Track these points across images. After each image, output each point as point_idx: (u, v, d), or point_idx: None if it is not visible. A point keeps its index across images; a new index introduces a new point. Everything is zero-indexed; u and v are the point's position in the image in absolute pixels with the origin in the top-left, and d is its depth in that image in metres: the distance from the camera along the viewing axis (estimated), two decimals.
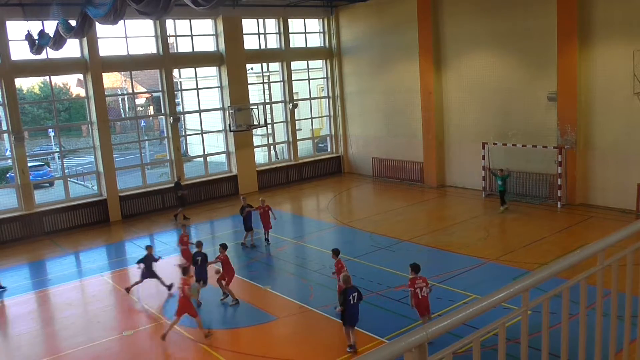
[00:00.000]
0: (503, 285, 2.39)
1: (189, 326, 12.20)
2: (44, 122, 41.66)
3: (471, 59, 22.16)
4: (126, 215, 22.08)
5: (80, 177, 29.70)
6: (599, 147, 18.83)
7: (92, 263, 17.39)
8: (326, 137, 29.64)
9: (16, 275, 16.57)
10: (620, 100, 17.88)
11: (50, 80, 22.98)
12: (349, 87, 28.05)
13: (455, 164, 23.51)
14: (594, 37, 18.31)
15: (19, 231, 19.89)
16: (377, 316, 12.02)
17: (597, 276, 2.81)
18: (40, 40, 17.84)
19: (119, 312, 13.46)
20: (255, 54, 25.97)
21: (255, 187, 25.47)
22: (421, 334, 2.02)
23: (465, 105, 22.71)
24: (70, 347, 11.68)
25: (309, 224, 20.50)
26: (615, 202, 18.45)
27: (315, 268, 15.31)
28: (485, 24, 21.36)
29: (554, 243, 15.81)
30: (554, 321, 2.70)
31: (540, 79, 19.94)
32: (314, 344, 11.29)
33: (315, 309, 12.54)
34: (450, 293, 12.72)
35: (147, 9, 11.11)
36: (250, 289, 14.27)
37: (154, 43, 23.16)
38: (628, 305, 2.97)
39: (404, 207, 21.15)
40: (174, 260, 16.98)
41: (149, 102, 48.33)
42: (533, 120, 20.30)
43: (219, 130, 25.84)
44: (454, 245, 16.20)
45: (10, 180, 24.32)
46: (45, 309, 14.37)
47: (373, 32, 26.08)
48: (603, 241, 2.75)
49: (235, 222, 20.37)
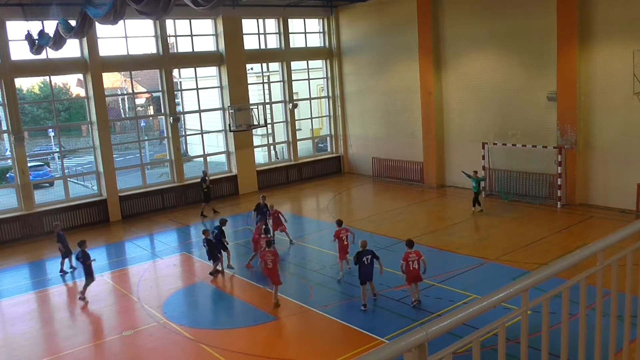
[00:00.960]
0: (503, 285, 2.39)
1: (189, 326, 12.21)
2: (44, 122, 41.67)
3: (471, 59, 22.17)
4: (126, 215, 22.09)
5: (80, 177, 29.70)
6: (598, 147, 18.84)
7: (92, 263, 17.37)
8: (326, 137, 29.65)
9: (16, 276, 16.58)
10: (620, 100, 17.89)
11: (50, 80, 22.98)
12: (349, 87, 28.06)
13: (455, 164, 23.50)
14: (593, 37, 18.32)
15: (19, 231, 19.89)
16: (377, 316, 12.03)
17: (597, 276, 2.81)
18: (40, 40, 17.84)
19: (118, 312, 13.45)
20: (255, 54, 25.98)
21: (255, 187, 25.47)
22: (421, 334, 2.02)
23: (465, 105, 22.72)
24: (70, 347, 11.68)
25: (309, 224, 20.51)
26: (615, 202, 18.46)
27: (315, 268, 15.31)
28: (485, 24, 21.36)
29: (553, 243, 15.82)
30: (554, 321, 2.70)
31: (540, 79, 19.95)
32: (313, 344, 11.30)
33: (315, 309, 12.54)
34: (450, 293, 12.72)
35: (147, 9, 11.11)
36: (250, 289, 14.28)
37: (154, 43, 23.17)
38: (628, 305, 2.97)
39: (403, 207, 21.15)
40: (174, 260, 17.01)
41: (149, 102, 48.32)
42: (533, 120, 20.31)
43: (219, 130, 25.85)
44: (454, 245, 16.20)
45: (10, 180, 24.32)
46: (45, 309, 14.37)
47: (373, 32, 26.09)
48: (603, 241, 2.75)
49: (236, 222, 20.37)
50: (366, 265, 12.04)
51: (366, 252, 12.15)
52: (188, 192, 23.74)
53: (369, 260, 12.07)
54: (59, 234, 16.42)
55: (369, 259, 12.07)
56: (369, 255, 12.10)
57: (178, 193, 23.56)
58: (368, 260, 12.05)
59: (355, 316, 12.03)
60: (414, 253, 12.05)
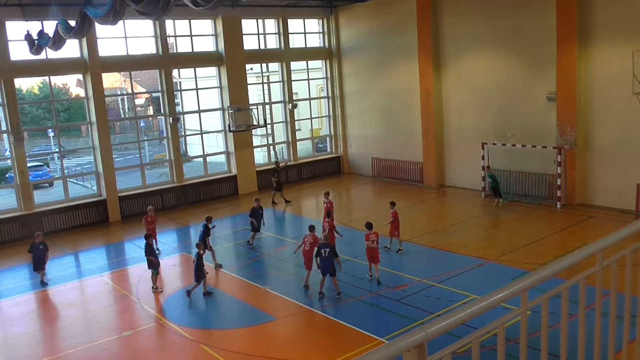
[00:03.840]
0: (502, 286, 2.39)
1: (189, 326, 12.21)
2: (44, 122, 41.65)
3: (470, 60, 22.17)
4: (125, 215, 22.08)
5: (80, 177, 29.69)
6: (598, 147, 18.85)
7: (92, 263, 17.40)
8: (326, 137, 29.65)
9: (16, 276, 16.57)
10: (619, 100, 17.89)
11: (50, 80, 22.95)
12: (349, 88, 28.06)
13: (454, 164, 23.51)
14: (593, 37, 18.32)
15: (18, 231, 19.88)
16: (377, 316, 12.04)
17: (596, 276, 2.82)
18: (39, 41, 17.82)
19: (118, 312, 13.45)
20: (255, 54, 25.97)
21: (255, 187, 25.47)
22: (420, 334, 2.02)
23: (464, 105, 22.72)
24: (70, 347, 11.68)
25: (308, 224, 20.45)
26: (615, 202, 18.46)
27: (314, 268, 15.27)
28: (485, 25, 21.37)
29: (553, 243, 15.82)
30: (553, 321, 2.70)
31: (539, 79, 19.95)
32: (313, 344, 11.30)
33: (315, 309, 12.55)
34: (449, 293, 12.72)
35: (146, 9, 11.10)
36: (250, 289, 14.27)
37: (154, 43, 23.16)
38: (627, 306, 2.97)
39: (403, 208, 21.09)
40: (173, 260, 17.02)
41: (149, 102, 48.29)
42: (532, 120, 20.31)
43: (218, 130, 25.84)
44: (453, 246, 16.20)
45: (10, 181, 24.30)
46: (45, 309, 14.37)
47: (372, 33, 26.09)
48: (602, 241, 2.76)
49: (235, 222, 20.37)
50: (324, 257, 12.92)
51: (325, 245, 13.13)
52: (187, 192, 23.75)
53: (327, 253, 12.93)
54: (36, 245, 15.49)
55: (327, 252, 12.93)
56: (327, 248, 13.01)
57: (178, 193, 23.55)
58: (326, 252, 12.92)
59: (355, 316, 12.03)
60: (373, 234, 13.82)
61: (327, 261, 12.94)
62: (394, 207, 16.13)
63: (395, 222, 15.90)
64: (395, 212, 16.00)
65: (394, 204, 16.33)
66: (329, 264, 12.96)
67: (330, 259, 12.95)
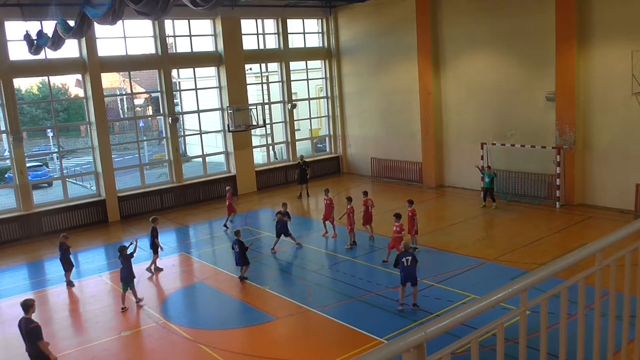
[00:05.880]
0: (502, 286, 2.39)
1: (188, 326, 12.20)
2: (43, 122, 41.63)
3: (470, 60, 22.17)
4: (125, 215, 22.07)
5: (79, 177, 29.68)
6: (597, 147, 18.86)
7: (91, 263, 17.40)
8: (325, 138, 29.65)
9: (15, 276, 16.56)
10: (618, 100, 17.90)
11: (49, 80, 22.95)
12: (348, 88, 28.06)
13: (453, 164, 23.52)
14: (592, 37, 18.33)
15: (18, 231, 19.87)
16: (376, 316, 12.03)
17: (595, 276, 2.82)
18: (38, 41, 17.81)
19: (117, 312, 13.43)
20: (254, 54, 25.97)
21: (254, 187, 25.46)
22: (420, 334, 2.02)
23: (463, 105, 22.72)
24: (70, 347, 11.67)
25: (308, 224, 20.49)
26: (614, 202, 18.47)
27: (314, 268, 15.30)
28: (484, 25, 21.38)
29: (552, 243, 15.83)
30: (553, 321, 2.70)
31: (538, 79, 19.96)
32: (312, 344, 11.30)
33: (314, 309, 12.54)
34: (448, 293, 12.73)
35: (145, 9, 11.10)
36: (249, 289, 14.27)
37: (153, 43, 23.15)
38: (626, 305, 2.97)
39: (402, 208, 21.10)
40: (172, 260, 17.01)
41: (148, 102, 48.27)
42: (532, 120, 20.32)
43: (217, 130, 25.83)
44: (453, 246, 16.21)
45: (9, 181, 24.29)
46: (44, 309, 14.34)
47: (372, 33, 26.09)
48: (601, 241, 2.76)
49: (235, 222, 20.34)
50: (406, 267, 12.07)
51: (406, 253, 12.24)
52: (187, 192, 23.74)
53: (409, 262, 12.08)
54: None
55: (409, 260, 12.09)
56: (409, 257, 12.12)
57: (177, 193, 23.55)
58: (408, 261, 12.06)
59: (354, 316, 12.03)
60: (370, 200, 16.74)
61: (409, 270, 12.06)
62: (412, 205, 15.99)
63: (412, 220, 15.76)
64: (413, 209, 15.88)
65: (412, 202, 16.18)
66: (412, 273, 12.09)
67: (412, 268, 12.07)
